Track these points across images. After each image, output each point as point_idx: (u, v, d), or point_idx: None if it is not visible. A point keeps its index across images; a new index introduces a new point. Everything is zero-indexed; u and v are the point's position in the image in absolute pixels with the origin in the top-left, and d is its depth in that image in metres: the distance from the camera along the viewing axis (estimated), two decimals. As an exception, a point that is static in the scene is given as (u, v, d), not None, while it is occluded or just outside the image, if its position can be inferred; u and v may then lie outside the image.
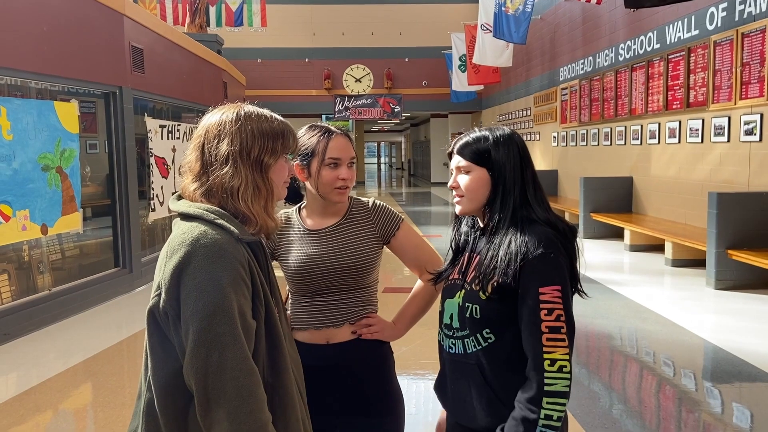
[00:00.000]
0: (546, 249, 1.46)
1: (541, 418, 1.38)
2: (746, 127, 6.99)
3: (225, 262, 1.24)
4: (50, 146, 5.71)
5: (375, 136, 46.11)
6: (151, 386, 1.30)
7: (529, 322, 1.43)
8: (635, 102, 9.76)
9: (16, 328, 5.31)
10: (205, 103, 10.08)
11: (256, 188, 1.36)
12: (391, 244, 1.93)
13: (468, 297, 1.54)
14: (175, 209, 1.37)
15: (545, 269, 1.44)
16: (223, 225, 1.29)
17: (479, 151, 1.58)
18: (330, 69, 21.86)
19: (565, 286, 1.45)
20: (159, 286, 1.28)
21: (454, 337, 1.57)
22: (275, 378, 1.34)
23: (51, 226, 5.73)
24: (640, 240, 8.67)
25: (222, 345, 1.21)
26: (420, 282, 1.97)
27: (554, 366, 1.39)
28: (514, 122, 17.35)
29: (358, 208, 1.92)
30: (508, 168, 1.56)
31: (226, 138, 1.36)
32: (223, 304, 1.22)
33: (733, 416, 3.73)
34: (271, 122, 1.41)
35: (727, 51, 7.33)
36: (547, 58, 14.32)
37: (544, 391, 1.39)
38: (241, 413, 1.21)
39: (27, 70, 5.60)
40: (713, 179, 7.62)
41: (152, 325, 1.30)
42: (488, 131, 1.61)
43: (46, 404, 4.03)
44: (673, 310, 5.70)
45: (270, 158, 1.38)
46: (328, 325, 1.82)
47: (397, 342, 1.94)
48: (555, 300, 1.42)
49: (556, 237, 1.50)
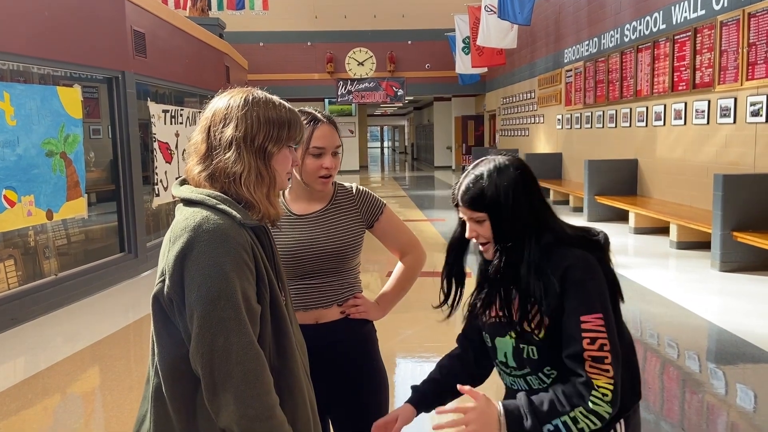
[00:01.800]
0: (583, 274, 1.41)
1: (569, 416, 1.36)
2: (752, 108, 6.94)
3: (228, 247, 1.24)
4: (54, 132, 5.71)
5: (378, 119, 45.94)
6: (159, 371, 1.31)
7: (572, 352, 1.39)
8: (641, 83, 9.69)
9: (23, 313, 5.34)
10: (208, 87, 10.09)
11: (259, 175, 1.35)
12: (374, 228, 2.00)
13: (521, 338, 1.48)
14: (178, 195, 1.36)
15: (585, 296, 1.39)
16: (226, 210, 1.28)
17: (477, 195, 1.49)
18: (332, 52, 21.75)
19: (606, 313, 1.40)
20: (163, 272, 1.28)
21: (512, 375, 1.53)
22: (281, 361, 1.35)
23: (56, 212, 5.75)
24: (645, 223, 8.65)
25: (227, 330, 1.22)
26: (400, 264, 2.06)
27: (598, 392, 1.36)
28: (518, 105, 17.27)
29: (342, 193, 1.97)
30: (507, 202, 1.47)
31: (231, 122, 1.35)
32: (227, 289, 1.22)
33: (737, 397, 3.75)
34: (279, 110, 1.39)
35: (734, 31, 7.25)
36: (552, 40, 14.20)
37: (587, 405, 1.35)
38: (248, 397, 1.21)
39: (28, 55, 5.58)
40: (719, 161, 7.58)
41: (157, 311, 1.30)
42: (482, 178, 1.50)
43: (53, 388, 4.07)
44: (678, 293, 5.70)
45: (273, 147, 1.37)
46: (317, 306, 1.88)
47: (402, 326, 1.97)
48: (598, 328, 1.38)
49: (591, 256, 1.43)
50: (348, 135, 23.67)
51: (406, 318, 5.06)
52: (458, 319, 1.76)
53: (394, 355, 4.27)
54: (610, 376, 1.36)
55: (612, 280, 1.48)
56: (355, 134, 24.31)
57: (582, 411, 1.35)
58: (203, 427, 1.28)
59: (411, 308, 5.63)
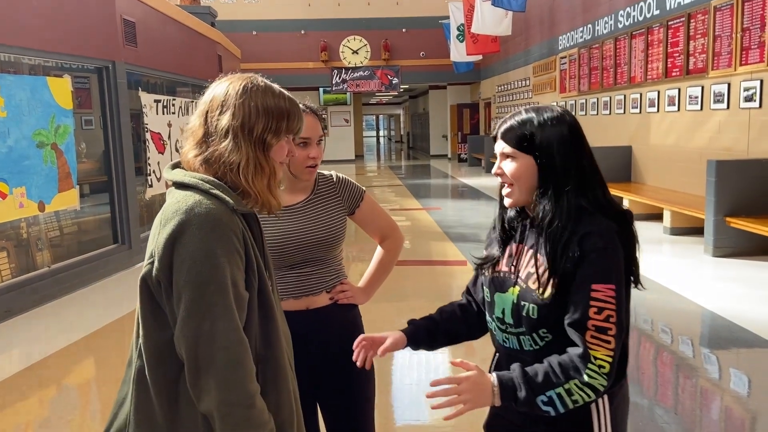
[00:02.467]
0: (606, 243, 1.37)
1: (563, 388, 1.35)
2: (746, 93, 6.93)
3: (219, 233, 1.24)
4: (44, 122, 5.66)
5: (373, 108, 45.79)
6: (142, 354, 1.31)
7: (577, 318, 1.36)
8: (635, 70, 9.66)
9: (16, 305, 5.33)
10: (200, 77, 10.02)
11: (259, 166, 1.33)
12: (355, 215, 2.06)
13: (524, 295, 1.46)
14: (170, 178, 1.35)
15: (602, 265, 1.36)
16: (219, 195, 1.27)
17: (524, 136, 1.44)
18: (326, 41, 21.61)
19: (619, 286, 1.37)
20: (152, 255, 1.27)
21: (507, 332, 1.51)
22: (267, 349, 1.34)
23: (48, 203, 5.71)
24: (639, 209, 8.65)
25: (213, 315, 1.22)
26: (380, 249, 2.14)
27: (596, 362, 1.34)
28: (513, 92, 17.22)
29: (323, 182, 2.01)
30: (558, 154, 1.42)
31: (228, 110, 1.33)
32: (216, 275, 1.22)
33: (730, 382, 3.77)
34: (278, 100, 1.37)
35: (727, 16, 7.23)
36: (546, 27, 14.15)
37: (582, 377, 1.34)
38: (230, 383, 1.22)
39: (16, 45, 5.52)
40: (712, 147, 7.58)
41: (144, 293, 1.29)
42: (534, 113, 1.46)
43: (49, 380, 4.07)
44: (672, 278, 5.71)
45: (273, 138, 1.35)
46: (307, 294, 1.93)
47: (398, 315, 1.97)
48: (608, 299, 1.35)
49: (617, 229, 1.40)
50: (343, 124, 23.61)
51: (401, 306, 5.07)
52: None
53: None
54: (610, 347, 1.34)
55: (632, 257, 1.45)
56: (350, 123, 24.22)
57: (577, 383, 1.34)
58: (185, 411, 1.28)
59: (407, 297, 5.64)
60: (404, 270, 6.35)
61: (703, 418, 3.32)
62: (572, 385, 1.35)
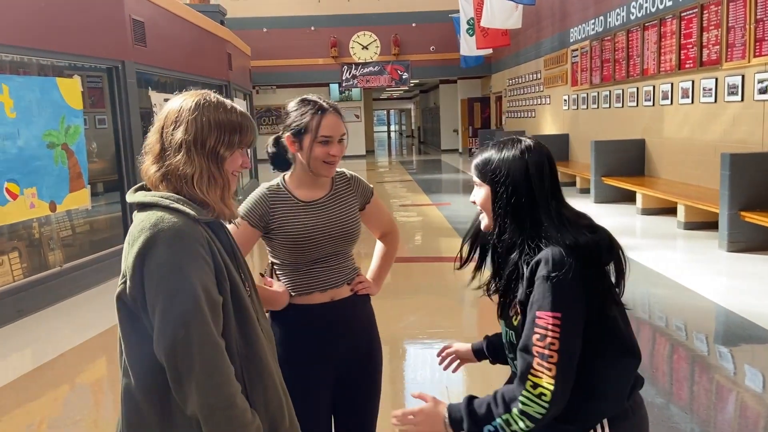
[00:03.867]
0: (550, 271, 1.37)
1: (502, 419, 1.38)
2: (760, 85, 6.82)
3: (184, 244, 1.30)
4: (55, 123, 5.70)
5: (384, 103, 45.70)
6: (128, 371, 1.36)
7: (523, 344, 1.40)
8: (647, 62, 9.55)
9: (29, 305, 5.37)
10: (210, 75, 10.04)
11: (212, 177, 1.39)
12: (365, 211, 2.13)
13: (505, 322, 1.54)
14: (132, 200, 1.42)
15: (545, 293, 1.37)
16: (180, 208, 1.33)
17: (483, 168, 1.54)
18: (336, 36, 21.59)
19: (566, 313, 1.36)
20: (124, 274, 1.33)
21: (509, 357, 1.57)
22: (248, 348, 1.40)
23: (59, 203, 5.75)
24: (653, 203, 8.58)
25: (186, 322, 1.26)
26: (381, 244, 2.25)
27: (535, 390, 1.35)
28: (524, 86, 17.11)
29: (340, 179, 2.08)
30: (510, 188, 1.48)
31: (181, 126, 1.39)
32: (185, 284, 1.27)
33: (745, 378, 3.72)
34: (230, 114, 1.43)
35: (741, 7, 7.11)
36: (557, 19, 14.02)
37: (518, 405, 1.37)
38: (208, 386, 1.27)
39: (25, 46, 5.55)
40: (726, 140, 7.48)
41: (122, 311, 1.36)
42: (496, 150, 1.53)
43: (61, 379, 4.10)
44: (686, 274, 5.65)
45: (226, 150, 1.41)
46: (332, 286, 2.01)
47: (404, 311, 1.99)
48: (549, 326, 1.36)
49: (568, 255, 1.39)
50: (354, 120, 23.58)
51: (410, 303, 5.04)
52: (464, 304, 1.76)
53: (399, 340, 4.25)
54: (551, 375, 1.34)
55: (604, 287, 1.44)
56: (360, 119, 24.19)
57: (516, 413, 1.37)
58: (179, 418, 1.33)
59: (416, 293, 5.62)
60: (413, 266, 6.34)
61: (717, 416, 3.27)
62: (511, 416, 1.38)
